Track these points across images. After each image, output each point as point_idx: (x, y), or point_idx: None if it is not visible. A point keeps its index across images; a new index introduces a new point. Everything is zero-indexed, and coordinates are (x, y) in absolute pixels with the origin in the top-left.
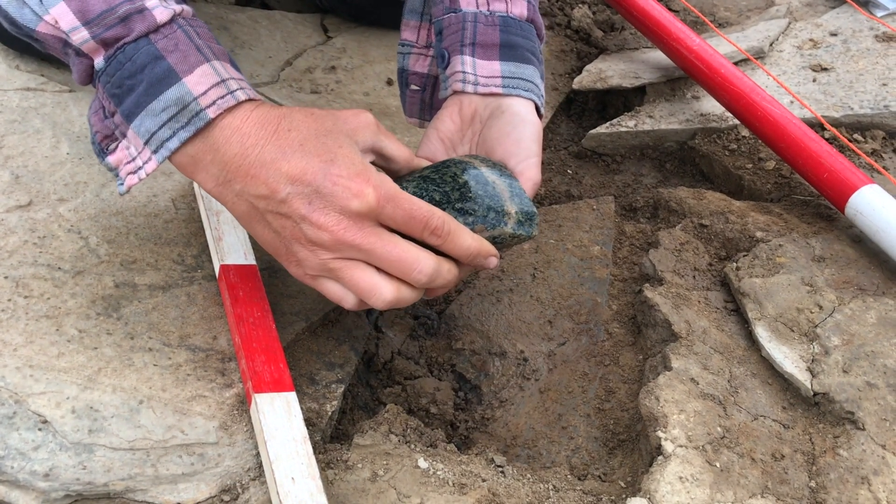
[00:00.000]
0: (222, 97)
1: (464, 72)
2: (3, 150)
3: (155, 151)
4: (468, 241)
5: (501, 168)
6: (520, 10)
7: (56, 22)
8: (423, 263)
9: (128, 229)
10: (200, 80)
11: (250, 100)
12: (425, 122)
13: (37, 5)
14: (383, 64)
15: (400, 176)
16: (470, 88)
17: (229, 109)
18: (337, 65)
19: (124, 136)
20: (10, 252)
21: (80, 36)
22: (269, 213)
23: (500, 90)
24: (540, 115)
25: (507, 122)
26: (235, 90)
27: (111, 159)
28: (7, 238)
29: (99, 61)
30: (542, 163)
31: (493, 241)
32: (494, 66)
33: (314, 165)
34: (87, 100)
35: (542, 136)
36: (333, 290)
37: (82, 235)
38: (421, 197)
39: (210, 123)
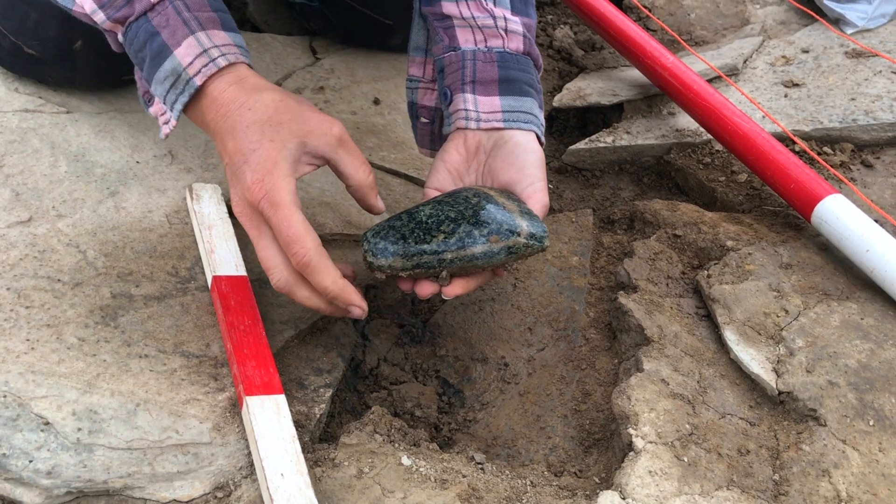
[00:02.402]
0: (205, 65)
1: (465, 109)
2: (4, 169)
3: (171, 110)
4: (326, 281)
5: (510, 194)
6: (516, 44)
7: (82, 6)
8: (276, 273)
9: (124, 243)
10: (187, 52)
11: (231, 64)
12: (435, 152)
13: None
14: (370, 84)
15: (416, 204)
16: (472, 125)
17: (213, 76)
18: (325, 85)
19: (154, 93)
20: (12, 265)
21: (100, 17)
22: (225, 167)
23: (500, 124)
24: (541, 143)
25: (510, 151)
26: (217, 57)
27: (151, 110)
28: (8, 252)
29: (119, 36)
30: None
31: (508, 252)
32: (495, 102)
33: (242, 149)
34: (83, 121)
35: (544, 162)
36: None
37: (80, 249)
38: (437, 217)
39: (199, 90)
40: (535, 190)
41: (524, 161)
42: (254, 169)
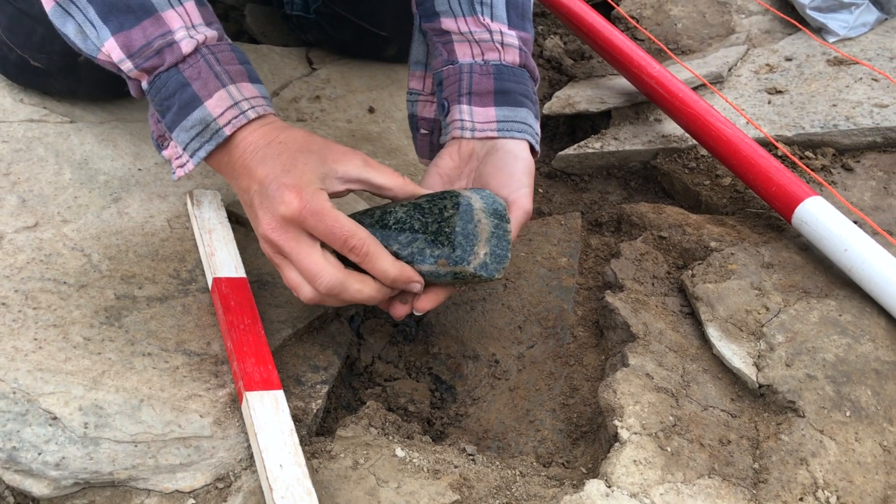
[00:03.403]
0: (236, 117)
1: (461, 119)
2: (10, 177)
3: (191, 156)
4: (386, 265)
5: (498, 206)
6: (512, 57)
7: (109, 54)
8: (325, 276)
9: (127, 247)
10: (218, 104)
11: (260, 116)
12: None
13: (95, 39)
14: (365, 93)
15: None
16: (468, 134)
17: (242, 127)
18: (321, 94)
19: (171, 139)
20: (20, 268)
21: (127, 66)
22: (247, 205)
23: (495, 133)
24: (535, 152)
25: (499, 158)
26: (247, 110)
27: (165, 153)
28: (16, 256)
29: (144, 84)
30: None
31: (454, 276)
32: (490, 112)
33: (274, 172)
34: (86, 131)
35: (533, 170)
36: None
37: (85, 253)
38: (402, 224)
39: (227, 138)
40: (520, 196)
41: (512, 168)
42: (289, 185)
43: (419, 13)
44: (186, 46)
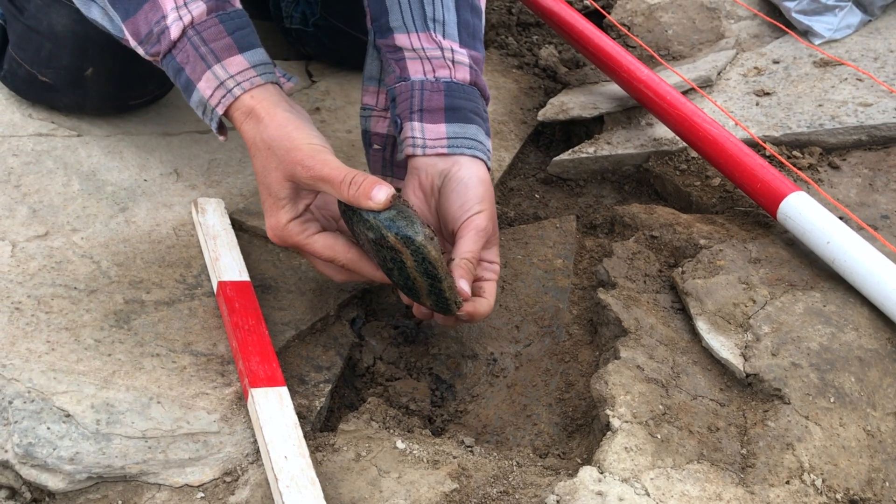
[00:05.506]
0: (224, 96)
1: (413, 137)
2: (21, 188)
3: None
4: (370, 273)
5: (427, 265)
6: (463, 74)
7: (128, 41)
8: (336, 277)
9: (134, 254)
10: (207, 86)
11: (245, 91)
12: (387, 178)
13: (119, 22)
14: None
15: (390, 213)
16: (419, 151)
17: (231, 105)
18: (321, 106)
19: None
20: (32, 275)
21: (141, 51)
22: None
23: (445, 150)
24: (488, 168)
25: (452, 189)
26: (232, 88)
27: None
28: (28, 263)
29: (160, 66)
30: (512, 189)
31: None
32: (440, 129)
33: (261, 198)
34: (93, 144)
35: (488, 190)
36: None
37: (94, 260)
38: (368, 251)
39: (225, 114)
40: (473, 219)
41: (464, 197)
42: (268, 225)
43: (374, 29)
44: (175, 31)
